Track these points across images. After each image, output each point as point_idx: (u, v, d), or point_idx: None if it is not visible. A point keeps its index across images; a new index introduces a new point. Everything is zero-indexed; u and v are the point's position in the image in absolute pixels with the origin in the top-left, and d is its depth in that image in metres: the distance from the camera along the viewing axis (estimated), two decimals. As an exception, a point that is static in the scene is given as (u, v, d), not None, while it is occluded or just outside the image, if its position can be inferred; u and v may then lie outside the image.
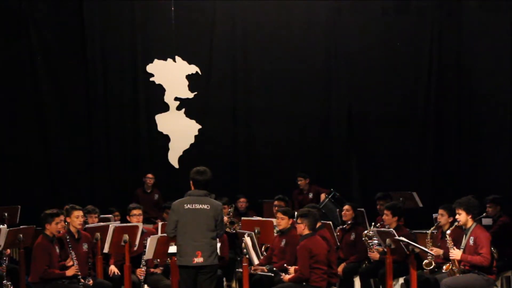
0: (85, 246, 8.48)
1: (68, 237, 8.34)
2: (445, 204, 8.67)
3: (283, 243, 8.71)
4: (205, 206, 7.16)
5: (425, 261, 8.21)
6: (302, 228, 8.11)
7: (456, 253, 7.81)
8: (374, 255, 9.04)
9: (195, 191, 7.25)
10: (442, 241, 8.47)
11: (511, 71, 12.31)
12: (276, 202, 10.75)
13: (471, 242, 7.80)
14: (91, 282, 8.26)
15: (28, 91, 12.95)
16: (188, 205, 7.19)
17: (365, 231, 9.28)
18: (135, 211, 9.13)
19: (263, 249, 9.17)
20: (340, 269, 9.19)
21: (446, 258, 8.16)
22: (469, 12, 12.66)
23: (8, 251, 9.21)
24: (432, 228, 8.64)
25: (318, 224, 8.63)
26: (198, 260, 7.08)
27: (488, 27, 12.52)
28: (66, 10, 13.09)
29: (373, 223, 9.66)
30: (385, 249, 8.34)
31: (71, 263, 8.21)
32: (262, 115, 13.36)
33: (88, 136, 13.22)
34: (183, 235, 7.17)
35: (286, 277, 8.15)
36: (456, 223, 7.99)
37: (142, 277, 8.70)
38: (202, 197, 7.21)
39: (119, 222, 10.06)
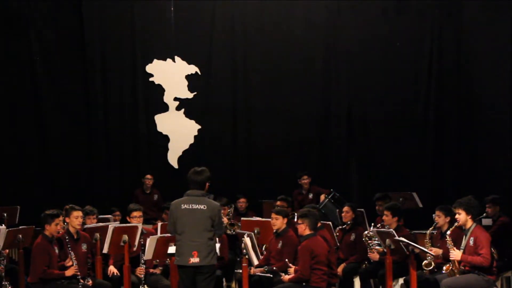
0: (84, 247, 8.46)
1: (67, 237, 8.31)
2: (442, 205, 8.67)
3: (279, 244, 8.69)
4: (202, 207, 7.15)
5: (425, 261, 8.20)
6: (303, 229, 8.09)
7: (456, 254, 7.80)
8: (374, 256, 9.02)
9: (192, 191, 7.24)
10: (441, 242, 8.45)
11: (511, 71, 12.29)
12: (278, 203, 10.75)
13: (471, 242, 7.79)
14: (90, 282, 8.25)
15: (28, 91, 12.97)
16: (185, 205, 7.20)
17: (366, 232, 9.26)
18: (135, 213, 9.04)
19: (263, 249, 9.15)
20: (339, 269, 9.17)
21: (445, 259, 8.14)
22: (469, 12, 12.63)
23: (7, 251, 9.18)
24: (430, 229, 8.63)
25: (318, 225, 8.63)
26: (194, 260, 7.08)
27: (488, 27, 12.49)
28: (65, 10, 13.11)
29: (372, 224, 9.65)
30: (385, 250, 8.33)
31: (70, 263, 8.19)
32: (261, 115, 13.35)
33: (88, 136, 13.23)
34: (180, 235, 7.19)
35: (286, 277, 8.13)
36: (456, 224, 7.98)
37: (142, 275, 8.67)
38: (199, 197, 7.20)
39: (118, 222, 10.04)
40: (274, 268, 8.51)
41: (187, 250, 7.10)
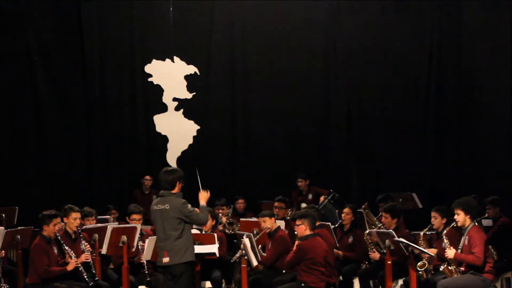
0: (82, 246, 8.41)
1: (59, 236, 8.22)
2: (437, 206, 8.64)
3: (270, 244, 8.84)
4: (166, 206, 7.26)
5: (419, 263, 8.15)
6: (304, 229, 8.09)
7: (450, 252, 7.80)
8: (375, 255, 8.99)
9: (163, 192, 7.38)
10: (437, 243, 8.43)
11: (511, 71, 12.27)
12: (276, 204, 10.75)
13: (466, 241, 7.80)
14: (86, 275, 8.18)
15: (26, 91, 12.92)
16: (155, 206, 7.38)
17: (366, 231, 9.24)
18: (135, 216, 9.00)
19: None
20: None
21: (441, 259, 8.12)
22: (469, 12, 12.62)
23: (3, 252, 9.13)
24: (424, 230, 8.60)
25: (317, 223, 8.63)
26: (165, 260, 7.23)
27: (488, 27, 12.48)
28: (64, 10, 13.05)
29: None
30: (384, 250, 8.30)
31: (69, 259, 8.14)
32: (260, 116, 13.31)
33: (86, 137, 13.18)
34: (156, 236, 7.44)
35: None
36: (453, 224, 7.96)
37: (143, 261, 8.59)
38: (166, 197, 7.33)
39: (116, 222, 9.99)
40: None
41: (159, 251, 7.30)
